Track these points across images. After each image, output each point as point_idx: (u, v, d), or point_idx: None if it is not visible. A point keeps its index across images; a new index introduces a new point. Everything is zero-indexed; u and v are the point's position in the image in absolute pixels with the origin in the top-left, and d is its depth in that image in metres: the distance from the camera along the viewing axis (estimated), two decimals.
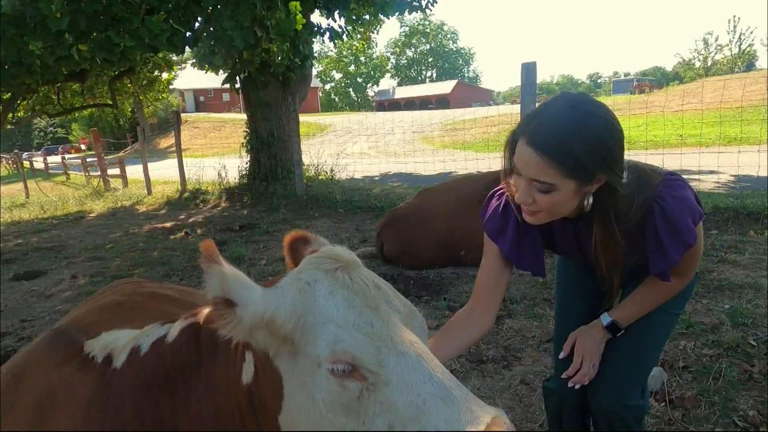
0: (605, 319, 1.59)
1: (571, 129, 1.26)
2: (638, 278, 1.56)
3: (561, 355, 1.63)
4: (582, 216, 1.42)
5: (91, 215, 10.18)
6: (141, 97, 11.86)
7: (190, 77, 43.46)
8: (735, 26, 54.36)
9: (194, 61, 8.98)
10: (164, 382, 1.17)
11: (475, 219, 4.70)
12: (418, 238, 4.75)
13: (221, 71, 9.36)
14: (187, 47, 6.30)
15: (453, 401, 0.98)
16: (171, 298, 1.80)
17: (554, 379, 1.72)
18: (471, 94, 63.94)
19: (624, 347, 1.57)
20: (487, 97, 67.08)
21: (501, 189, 1.60)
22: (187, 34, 5.95)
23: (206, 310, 1.24)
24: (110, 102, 10.38)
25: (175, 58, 12.16)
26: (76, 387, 1.27)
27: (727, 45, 55.66)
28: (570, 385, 1.57)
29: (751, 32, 54.08)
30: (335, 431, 1.00)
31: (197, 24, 6.18)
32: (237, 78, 9.37)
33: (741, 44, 54.09)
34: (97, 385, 1.24)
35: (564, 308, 1.82)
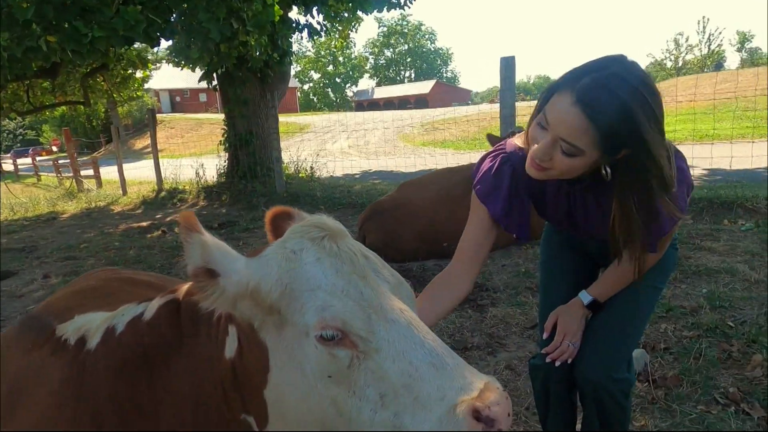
0: (585, 297, 1.59)
1: (632, 100, 1.17)
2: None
3: (544, 336, 1.62)
4: (582, 180, 1.40)
5: (64, 216, 9.90)
6: (114, 95, 11.57)
7: (166, 77, 42.75)
8: (704, 27, 55.91)
9: (170, 57, 8.83)
10: (142, 362, 1.12)
11: (457, 211, 4.73)
12: (400, 230, 4.73)
13: (198, 68, 9.21)
14: (163, 40, 6.16)
15: (445, 368, 0.96)
16: (150, 284, 1.73)
17: (540, 356, 1.71)
18: (449, 94, 64.32)
19: (610, 321, 1.56)
20: (465, 97, 67.59)
21: (495, 150, 1.58)
22: (163, 25, 5.82)
23: (186, 286, 1.20)
24: (82, 100, 10.08)
25: (150, 57, 11.93)
26: (48, 371, 1.20)
27: (697, 45, 57.17)
28: (548, 360, 1.57)
29: (720, 33, 55.66)
30: (324, 403, 0.97)
31: (173, 16, 6.05)
32: (214, 75, 9.23)
33: (710, 45, 55.60)
34: (71, 368, 1.18)
35: (548, 288, 1.81)
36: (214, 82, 9.45)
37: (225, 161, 9.99)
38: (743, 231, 4.70)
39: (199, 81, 9.42)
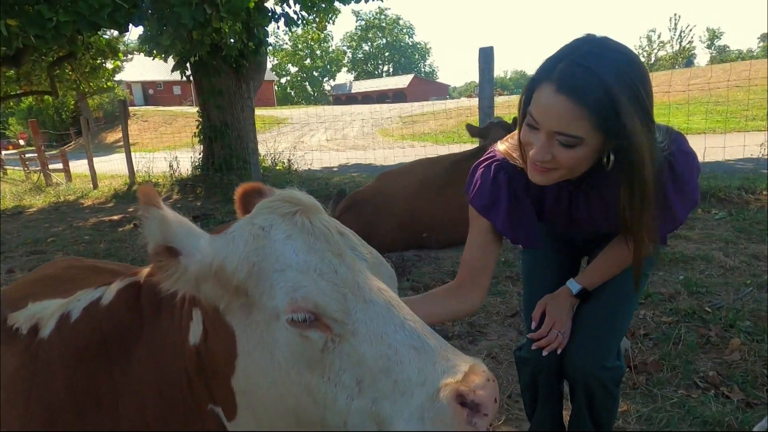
0: (574, 286, 1.54)
1: (612, 72, 1.11)
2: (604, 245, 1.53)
3: (532, 326, 1.56)
4: (586, 178, 1.33)
5: (31, 210, 9.54)
6: (83, 86, 11.18)
7: (139, 69, 41.72)
8: (676, 24, 57.08)
9: (141, 46, 8.55)
10: (100, 350, 1.03)
11: (436, 201, 4.68)
12: (380, 221, 4.66)
13: (171, 58, 8.95)
14: (132, 26, 5.93)
15: (427, 350, 0.89)
16: (116, 272, 1.62)
17: (527, 348, 1.66)
18: (428, 88, 64.35)
19: (599, 310, 1.52)
20: (443, 92, 67.71)
21: (487, 159, 1.49)
22: (132, 10, 5.60)
23: (147, 268, 1.11)
24: (49, 90, 9.71)
25: (122, 47, 11.56)
26: None
27: (669, 42, 58.37)
28: (535, 348, 1.51)
29: (690, 30, 56.90)
30: (297, 390, 0.90)
31: (143, 1, 5.83)
32: (187, 64, 8.98)
33: (681, 41, 56.81)
34: (22, 358, 1.09)
35: (531, 278, 1.75)
36: (188, 72, 9.20)
37: (200, 154, 9.76)
38: (717, 220, 4.77)
39: (173, 71, 9.16)
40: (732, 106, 13.49)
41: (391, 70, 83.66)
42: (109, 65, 12.04)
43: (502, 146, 1.46)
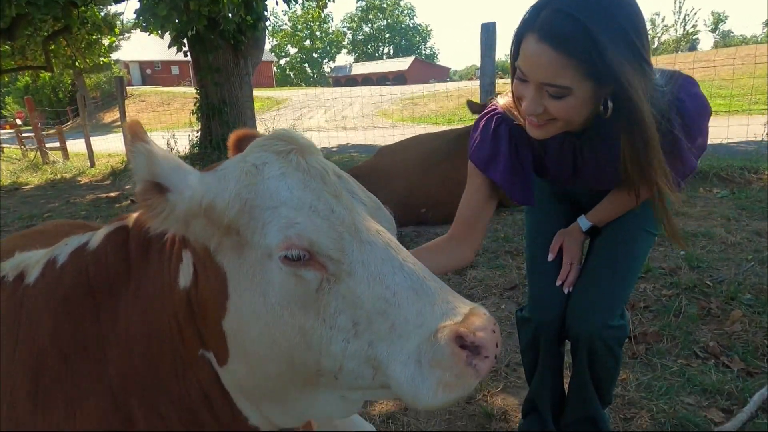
0: (584, 223, 1.54)
1: (596, 16, 1.07)
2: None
3: (549, 258, 1.57)
4: (588, 129, 1.30)
5: (27, 187, 9.48)
6: (79, 62, 11.01)
7: (136, 48, 41.20)
8: (680, 7, 56.38)
9: (137, 19, 8.40)
10: (86, 295, 0.99)
11: (436, 177, 4.63)
12: (378, 196, 4.58)
13: (167, 34, 8.80)
14: None
15: (426, 292, 0.86)
16: None
17: (528, 308, 1.64)
18: (428, 71, 63.76)
19: (604, 267, 1.50)
20: (444, 75, 67.12)
21: (488, 112, 1.47)
22: None
23: (136, 214, 1.07)
24: (45, 65, 9.57)
25: (118, 24, 11.37)
26: None
27: (673, 26, 57.74)
28: (558, 283, 1.52)
29: (695, 13, 56.23)
30: (291, 333, 0.86)
31: None
32: (184, 40, 8.82)
33: (686, 25, 56.19)
34: (8, 306, 1.05)
35: (535, 233, 1.71)
36: (185, 48, 9.05)
37: (198, 132, 9.66)
38: (719, 198, 4.73)
39: (169, 47, 8.99)
40: (735, 90, 13.37)
41: (391, 52, 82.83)
42: (105, 41, 11.85)
43: (502, 100, 1.44)
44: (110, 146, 13.54)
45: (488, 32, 5.83)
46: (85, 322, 0.98)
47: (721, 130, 6.75)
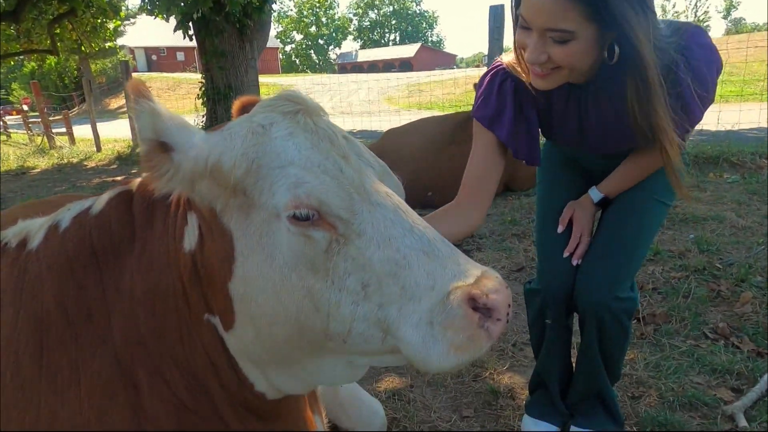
0: (596, 195, 1.51)
1: None
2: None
3: (559, 229, 1.54)
4: (593, 81, 1.27)
5: (34, 171, 9.52)
6: (84, 45, 10.96)
7: (142, 34, 41.04)
8: None
9: (143, 4, 8.34)
10: (90, 260, 0.98)
11: (442, 160, 4.59)
12: None
13: (173, 17, 8.73)
14: None
15: (437, 255, 0.84)
16: None
17: (536, 281, 1.62)
18: (434, 58, 63.21)
19: (615, 237, 1.47)
20: (450, 62, 66.50)
21: (492, 69, 1.44)
22: None
23: (140, 179, 1.05)
24: (50, 49, 9.53)
25: (123, 8, 11.29)
26: None
27: (684, 12, 56.80)
28: (566, 254, 1.50)
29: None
30: (299, 296, 0.84)
31: None
32: (190, 23, 8.76)
33: (697, 11, 55.29)
34: (10, 272, 1.04)
35: (546, 201, 1.67)
36: (190, 32, 8.99)
37: (203, 117, 9.63)
38: (729, 183, 4.67)
39: (175, 30, 8.93)
40: (747, 76, 13.17)
41: (397, 38, 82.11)
42: (110, 25, 11.79)
43: (506, 58, 1.41)
44: (116, 131, 13.55)
45: (496, 15, 5.74)
46: (88, 286, 0.97)
47: (733, 116, 6.66)
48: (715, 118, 6.65)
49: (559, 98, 1.37)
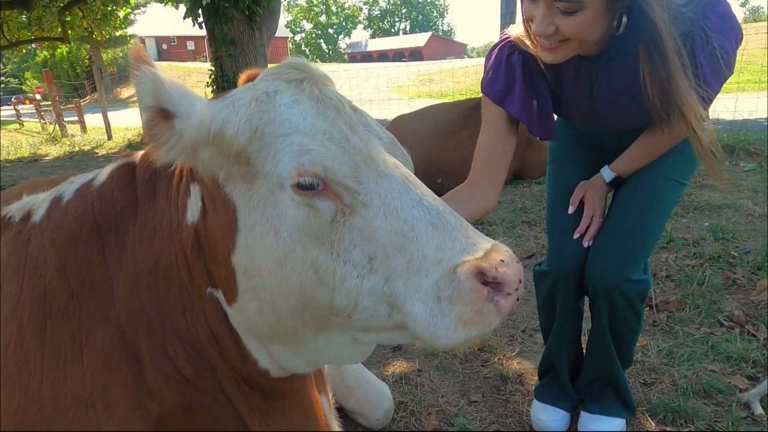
0: (608, 174, 1.47)
1: None
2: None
3: (570, 210, 1.50)
4: (604, 52, 1.23)
5: (46, 159, 9.61)
6: (95, 33, 10.98)
7: (152, 23, 41.10)
8: None
9: None
10: (92, 232, 0.96)
11: (451, 147, 4.54)
12: None
13: (182, 4, 8.70)
14: None
15: (446, 227, 0.81)
16: None
17: (546, 263, 1.58)
18: (445, 47, 62.67)
19: (628, 217, 1.42)
20: (461, 51, 65.91)
21: (500, 42, 1.40)
22: None
23: (142, 151, 1.03)
24: (60, 36, 9.57)
25: None
26: None
27: None
28: (577, 235, 1.46)
29: None
30: (303, 269, 0.82)
31: None
32: (199, 10, 8.72)
33: None
34: (14, 245, 1.03)
35: (557, 179, 1.63)
36: (200, 19, 8.95)
37: None
38: (746, 171, 4.58)
39: (185, 17, 8.91)
40: (765, 65, 12.89)
41: (407, 28, 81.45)
42: (121, 13, 11.80)
43: (514, 31, 1.37)
44: (127, 120, 13.62)
45: (508, 0, 5.65)
46: (91, 258, 0.96)
47: (750, 104, 6.53)
48: (732, 107, 6.52)
49: (569, 71, 1.32)
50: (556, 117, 1.51)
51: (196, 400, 0.94)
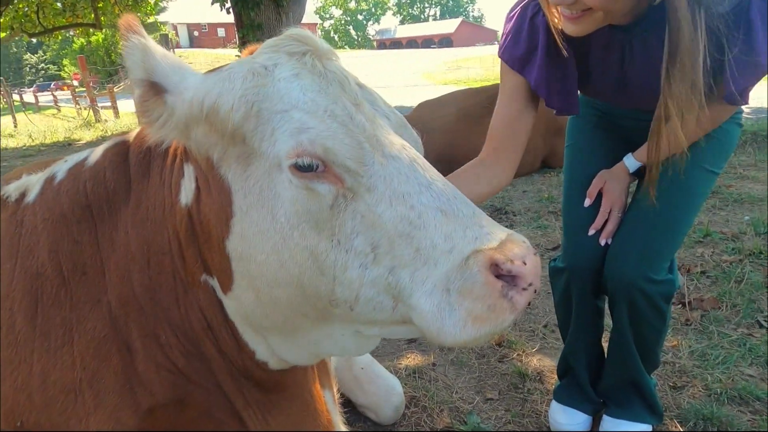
0: (632, 163, 1.33)
1: None
2: None
3: (586, 203, 1.38)
4: (641, 21, 1.11)
5: (80, 143, 9.85)
6: None
7: (184, 10, 41.68)
8: None
9: None
10: (85, 214, 0.92)
11: (476, 132, 4.41)
12: None
13: None
14: None
15: (457, 215, 0.73)
16: None
17: (561, 258, 1.48)
18: (475, 33, 61.59)
19: (652, 211, 1.27)
20: (491, 37, 64.62)
21: (521, 2, 1.27)
22: None
23: (137, 130, 0.99)
24: (94, 23, 9.75)
25: None
26: None
27: None
28: (592, 231, 1.35)
29: None
30: (301, 257, 0.75)
31: None
32: None
33: None
34: (8, 226, 0.99)
35: (574, 166, 1.51)
36: (227, 4, 8.97)
37: None
38: None
39: (213, 2, 8.95)
40: None
41: (437, 14, 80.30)
42: (152, 0, 11.94)
43: None
44: None
45: None
46: (83, 240, 0.91)
47: None
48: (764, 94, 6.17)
49: (597, 42, 1.19)
50: (579, 94, 1.39)
51: (188, 393, 0.89)
